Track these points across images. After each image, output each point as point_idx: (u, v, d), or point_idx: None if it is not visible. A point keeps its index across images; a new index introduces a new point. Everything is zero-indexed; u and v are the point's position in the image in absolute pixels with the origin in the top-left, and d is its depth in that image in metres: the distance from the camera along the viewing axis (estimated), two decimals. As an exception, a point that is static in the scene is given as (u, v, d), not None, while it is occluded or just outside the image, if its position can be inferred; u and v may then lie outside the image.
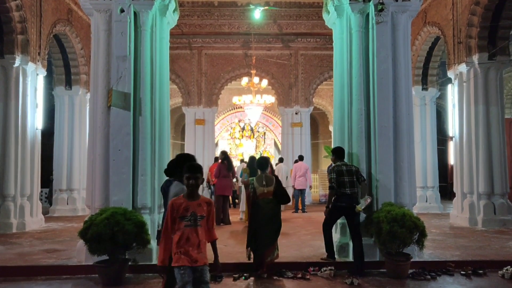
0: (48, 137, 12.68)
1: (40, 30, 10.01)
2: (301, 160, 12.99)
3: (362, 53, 6.53)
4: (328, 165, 9.96)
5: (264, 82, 14.55)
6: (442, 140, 17.01)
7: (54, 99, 12.43)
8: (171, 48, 7.60)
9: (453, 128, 10.85)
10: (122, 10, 6.20)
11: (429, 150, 12.86)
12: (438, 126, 13.97)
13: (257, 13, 13.38)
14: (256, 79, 14.34)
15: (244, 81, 14.35)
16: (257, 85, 14.31)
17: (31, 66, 9.70)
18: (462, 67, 10.09)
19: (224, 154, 10.84)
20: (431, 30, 11.66)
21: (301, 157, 13.14)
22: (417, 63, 12.64)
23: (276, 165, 13.36)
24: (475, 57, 9.74)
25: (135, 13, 6.34)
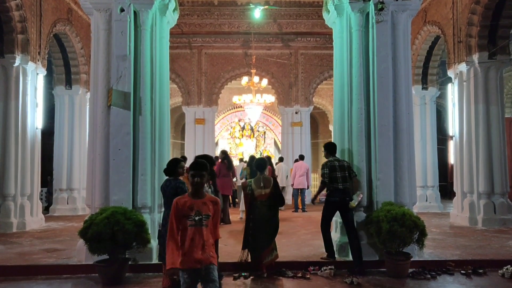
0: (48, 137, 12.68)
1: (40, 30, 10.01)
2: (302, 160, 12.98)
3: (362, 52, 6.53)
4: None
5: (264, 82, 14.55)
6: (442, 140, 17.00)
7: (54, 99, 12.43)
8: (171, 48, 7.60)
9: (453, 127, 10.85)
10: (122, 10, 6.20)
11: (429, 149, 12.86)
12: (438, 126, 13.97)
13: (257, 13, 13.36)
14: (256, 79, 14.33)
15: (244, 81, 14.36)
16: (257, 85, 14.30)
17: (31, 66, 9.71)
18: (462, 66, 10.08)
19: (224, 154, 10.85)
20: (431, 29, 11.64)
21: (302, 157, 13.12)
22: (417, 62, 12.63)
23: (276, 164, 13.41)
24: (475, 56, 9.73)
25: (135, 13, 6.34)
